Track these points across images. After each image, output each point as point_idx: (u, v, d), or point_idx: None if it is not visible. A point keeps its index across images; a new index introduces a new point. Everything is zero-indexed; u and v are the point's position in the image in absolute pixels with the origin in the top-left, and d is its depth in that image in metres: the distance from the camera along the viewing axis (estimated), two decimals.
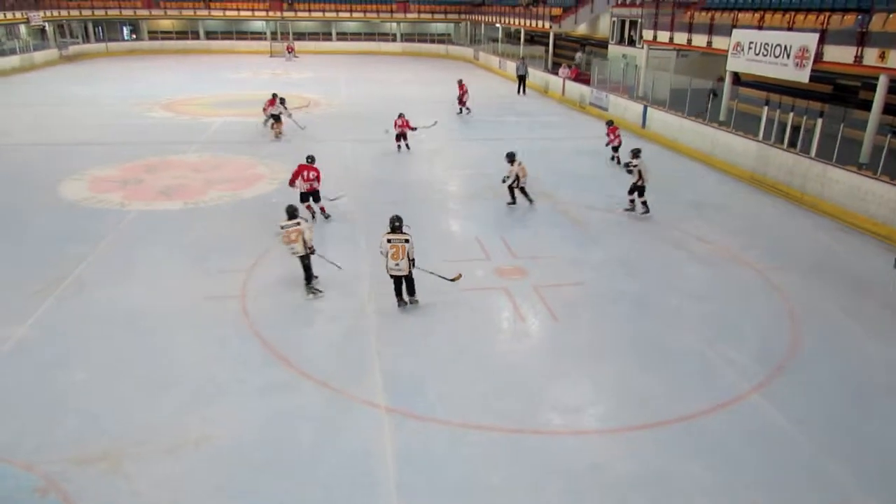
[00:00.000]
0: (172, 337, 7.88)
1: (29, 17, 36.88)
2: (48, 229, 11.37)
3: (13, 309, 8.36)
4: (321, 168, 11.84)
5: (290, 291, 9.12)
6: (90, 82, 30.31)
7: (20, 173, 14.69)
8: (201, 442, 5.98)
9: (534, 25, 33.17)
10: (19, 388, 6.78)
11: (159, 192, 13.43)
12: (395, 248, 8.43)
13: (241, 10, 45.95)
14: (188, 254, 10.37)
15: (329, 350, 7.68)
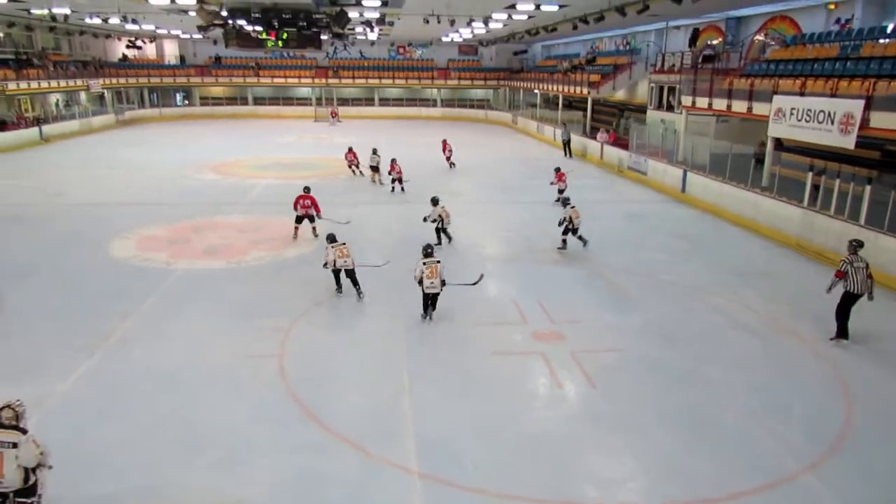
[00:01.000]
0: (210, 395, 7.94)
1: (89, 84, 39.20)
2: (96, 286, 11.73)
3: (59, 364, 8.57)
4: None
5: (327, 351, 9.16)
6: (143, 145, 31.78)
7: (74, 232, 15.30)
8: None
9: (572, 91, 33.76)
10: (58, 444, 6.84)
11: (204, 251, 13.81)
12: (430, 268, 10.00)
13: (288, 77, 48.05)
14: (229, 312, 10.55)
15: (364, 411, 7.62)
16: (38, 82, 33.96)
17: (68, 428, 7.14)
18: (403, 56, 50.34)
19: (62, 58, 39.18)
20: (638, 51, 32.87)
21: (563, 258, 13.74)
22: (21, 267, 12.68)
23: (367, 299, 11.23)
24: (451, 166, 25.54)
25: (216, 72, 47.40)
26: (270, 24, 22.73)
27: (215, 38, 33.06)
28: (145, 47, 45.51)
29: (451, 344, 9.53)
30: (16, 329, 9.78)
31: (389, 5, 23.59)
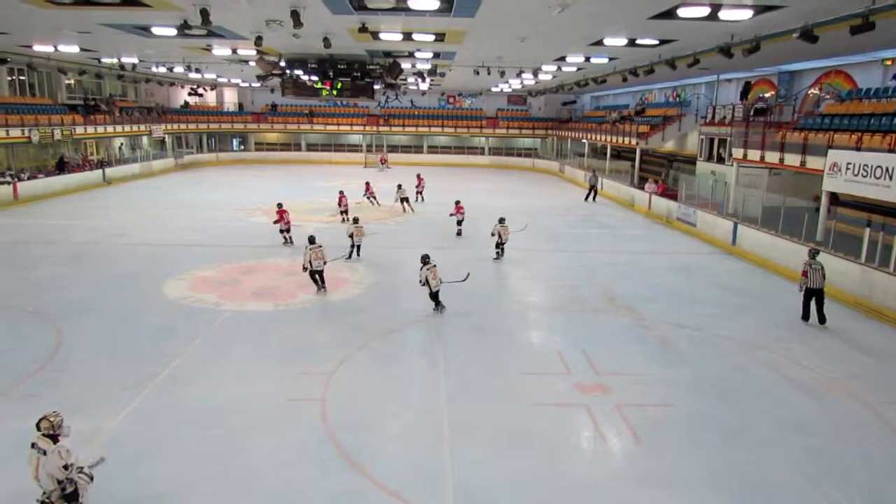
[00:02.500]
0: (254, 437, 8.02)
1: (152, 129, 41.17)
2: (149, 325, 12.09)
3: (109, 402, 8.80)
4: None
5: (369, 397, 9.17)
6: (200, 188, 32.99)
7: (131, 271, 15.87)
8: None
9: (621, 142, 33.78)
10: (105, 482, 7.00)
11: (253, 293, 14.12)
12: (432, 271, 12.66)
13: (340, 125, 49.54)
14: (274, 355, 10.70)
15: (404, 459, 7.58)
16: (104, 127, 35.83)
17: (117, 465, 7.26)
18: (453, 105, 51.43)
19: (128, 104, 41.38)
20: (688, 103, 32.81)
21: (608, 308, 13.54)
22: (79, 304, 13.19)
23: (410, 347, 11.27)
24: (421, 199, 28.97)
25: (272, 119, 49.23)
26: (326, 73, 23.64)
27: (273, 86, 34.54)
28: (206, 95, 47.68)
29: (492, 392, 9.43)
30: (71, 364, 10.13)
31: (441, 57, 24.29)
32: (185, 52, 25.19)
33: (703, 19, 13.91)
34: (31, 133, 28.84)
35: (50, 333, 11.39)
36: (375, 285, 14.93)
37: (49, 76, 33.57)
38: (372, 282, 15.20)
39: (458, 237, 20.81)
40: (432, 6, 13.41)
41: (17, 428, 8.06)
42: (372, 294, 14.28)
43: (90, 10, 15.03)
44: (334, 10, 14.33)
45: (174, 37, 18.68)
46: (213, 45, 21.94)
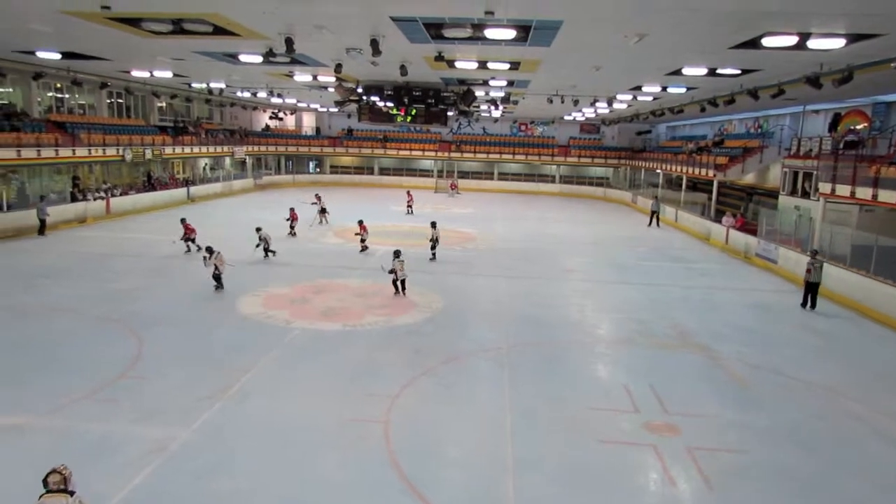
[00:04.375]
0: (318, 454, 8.11)
1: (234, 151, 43.08)
2: (223, 339, 12.51)
3: (183, 412, 9.12)
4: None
5: (432, 422, 9.14)
6: (276, 208, 34.09)
7: (209, 286, 16.46)
8: None
9: (697, 173, 32.86)
10: (175, 489, 7.24)
11: (322, 312, 14.41)
12: (402, 264, 15.58)
13: (413, 150, 50.43)
14: (340, 374, 10.84)
15: (465, 488, 7.48)
16: (190, 147, 37.76)
17: (187, 475, 7.52)
18: (525, 133, 51.51)
19: (213, 126, 43.48)
20: (770, 134, 31.64)
21: (679, 345, 13.07)
22: (159, 315, 13.81)
23: (476, 375, 11.21)
24: (409, 211, 32.24)
25: (347, 143, 50.64)
26: (401, 100, 24.14)
27: (349, 112, 35.59)
28: (286, 119, 49.57)
29: (557, 426, 9.22)
30: (149, 373, 10.58)
31: (515, 85, 24.42)
32: (268, 78, 26.31)
33: (789, 49, 13.43)
34: (124, 152, 30.68)
35: (131, 342, 11.95)
36: (443, 311, 14.95)
37: (143, 99, 35.75)
38: (439, 307, 15.24)
39: (362, 252, 21.39)
40: (508, 36, 13.52)
41: (98, 430, 8.49)
42: (439, 319, 14.31)
43: (185, 38, 15.94)
44: (412, 38, 14.67)
45: (259, 64, 19.58)
46: (295, 71, 22.83)
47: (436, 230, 20.52)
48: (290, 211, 24.98)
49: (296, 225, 24.77)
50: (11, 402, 9.20)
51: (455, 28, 13.40)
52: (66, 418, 8.81)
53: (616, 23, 12.35)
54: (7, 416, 8.77)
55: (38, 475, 7.35)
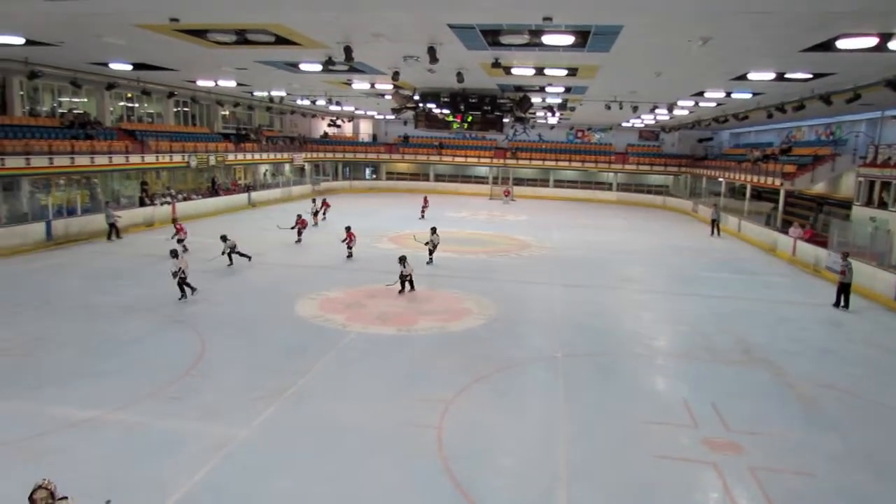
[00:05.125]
0: (371, 458, 8.16)
1: (293, 157, 44.10)
2: (281, 341, 12.77)
3: (242, 411, 9.34)
4: None
5: (486, 429, 9.07)
6: (334, 214, 34.69)
7: (268, 289, 16.90)
8: None
9: (762, 182, 31.74)
10: (234, 485, 7.40)
11: (376, 317, 14.54)
12: (409, 266, 16.47)
13: (468, 156, 50.55)
14: (395, 378, 10.90)
15: (517, 498, 7.38)
16: (252, 154, 38.88)
17: (244, 473, 7.68)
18: (581, 139, 50.93)
19: (273, 133, 44.66)
20: (844, 141, 30.31)
21: (743, 360, 12.59)
22: (221, 317, 14.21)
23: (531, 383, 11.10)
24: (422, 217, 31.96)
25: (403, 150, 51.15)
26: (457, 107, 24.23)
27: (406, 119, 35.92)
28: (344, 126, 50.44)
29: (613, 439, 9.01)
30: (210, 372, 10.88)
31: (572, 92, 24.17)
32: (327, 86, 26.85)
33: (868, 50, 12.81)
34: (189, 159, 31.82)
35: (195, 342, 12.33)
36: (498, 317, 14.87)
37: (208, 108, 37.01)
38: (494, 313, 15.16)
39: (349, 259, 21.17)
40: (566, 42, 13.39)
41: (165, 426, 8.78)
42: (494, 326, 14.24)
43: (248, 48, 16.44)
44: (469, 46, 14.70)
45: (319, 72, 20.00)
46: (354, 79, 23.22)
47: (435, 235, 20.98)
48: (298, 218, 24.66)
49: (303, 231, 24.55)
50: (85, 397, 9.61)
51: (512, 35, 13.39)
52: (135, 414, 9.15)
53: (680, 27, 12.06)
54: (81, 409, 9.16)
55: (110, 466, 7.69)
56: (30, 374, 10.53)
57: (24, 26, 14.70)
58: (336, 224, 29.03)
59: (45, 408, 9.21)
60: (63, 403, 9.36)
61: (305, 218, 24.95)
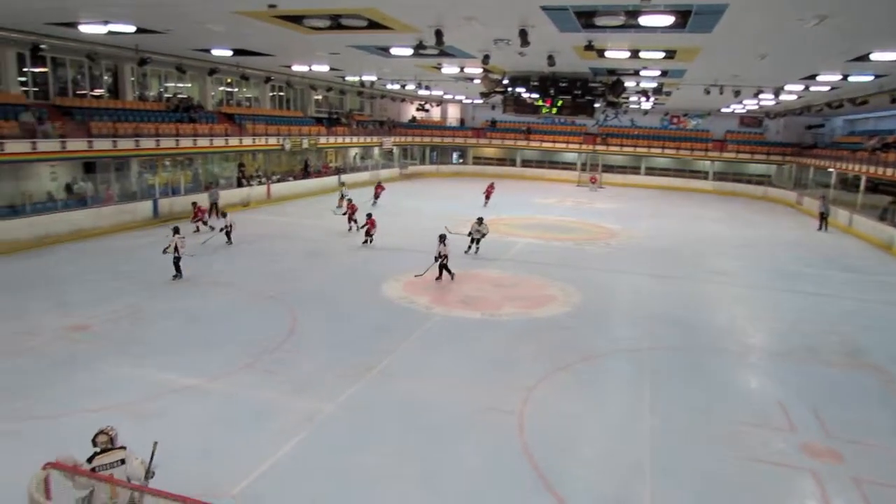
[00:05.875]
0: (452, 440, 8.25)
1: (382, 141, 44.88)
2: (367, 320, 13.07)
3: (328, 387, 9.65)
4: None
5: (568, 418, 8.96)
6: (420, 197, 35.15)
7: (356, 270, 17.31)
8: None
9: (881, 173, 29.27)
10: (320, 459, 7.67)
11: (461, 300, 14.61)
12: (447, 248, 15.84)
13: (556, 142, 49.70)
14: (478, 362, 10.94)
15: (599, 489, 7.27)
16: (342, 138, 39.84)
17: (328, 447, 7.94)
18: (676, 126, 48.91)
19: (364, 117, 45.54)
20: None
21: (849, 363, 11.79)
22: (311, 295, 14.71)
23: (616, 375, 10.86)
24: (486, 202, 30.37)
25: (490, 134, 50.93)
26: (547, 91, 23.81)
27: (494, 103, 35.72)
28: (432, 111, 50.75)
29: (700, 437, 8.68)
30: (300, 348, 11.30)
31: (669, 75, 23.21)
32: (417, 70, 27.01)
33: None
34: (284, 142, 32.96)
35: (286, 318, 12.83)
36: (583, 306, 14.61)
37: (302, 92, 38.14)
38: (579, 302, 14.90)
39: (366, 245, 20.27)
40: (665, 23, 12.82)
41: (257, 398, 9.21)
42: (580, 314, 14.00)
43: (341, 33, 16.76)
44: (562, 28, 14.36)
45: (409, 56, 20.13)
46: (443, 63, 23.24)
47: (483, 225, 19.75)
48: (348, 203, 23.69)
49: (354, 216, 23.00)
50: (185, 366, 10.21)
51: (608, 16, 12.94)
52: (231, 384, 9.64)
53: (792, 4, 11.27)
54: (182, 377, 9.75)
55: (207, 432, 8.15)
56: (136, 343, 11.30)
57: (136, 15, 15.60)
58: (390, 208, 29.44)
59: (149, 374, 9.86)
60: (166, 371, 9.99)
61: (355, 203, 23.89)
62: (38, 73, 22.20)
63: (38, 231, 18.93)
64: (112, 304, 13.34)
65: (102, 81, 25.17)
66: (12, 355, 10.45)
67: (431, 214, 27.45)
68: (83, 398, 8.91)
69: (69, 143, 20.86)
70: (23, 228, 18.63)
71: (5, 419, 8.29)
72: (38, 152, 19.79)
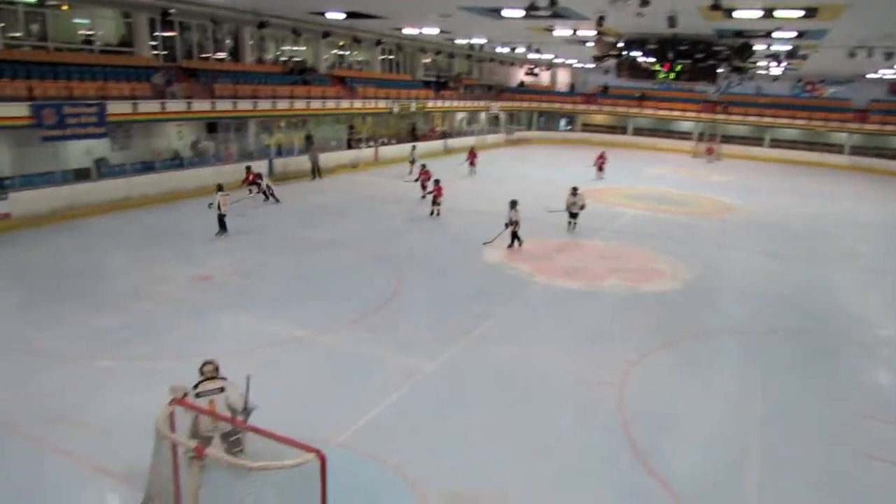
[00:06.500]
0: (549, 407, 8.19)
1: (489, 106, 44.42)
2: (468, 285, 13.14)
3: (429, 347, 9.81)
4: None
5: (672, 395, 8.66)
6: (526, 164, 34.63)
7: (459, 234, 17.38)
8: None
9: None
10: (418, 415, 7.85)
11: (564, 270, 14.35)
12: (518, 213, 15.43)
13: (672, 109, 47.20)
14: (578, 333, 10.75)
15: (699, 470, 7.02)
16: (450, 102, 39.79)
17: (426, 405, 8.11)
18: (810, 93, 44.84)
19: (471, 81, 45.19)
20: None
21: None
22: (415, 257, 14.96)
23: (726, 355, 10.34)
24: (598, 178, 28.50)
25: (601, 101, 49.13)
26: (665, 55, 22.60)
27: (606, 68, 34.33)
28: (541, 75, 49.57)
29: (816, 428, 8.11)
30: (403, 308, 11.56)
31: (806, 37, 21.25)
32: (528, 33, 26.38)
33: None
34: (392, 105, 33.37)
35: (392, 279, 13.13)
36: (693, 282, 13.95)
37: (411, 56, 38.32)
38: (689, 278, 14.24)
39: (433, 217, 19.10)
40: None
41: (361, 353, 9.53)
42: (688, 291, 13.39)
43: None
44: None
45: (521, 18, 19.64)
46: (555, 25, 22.52)
47: (578, 196, 17.95)
48: (421, 169, 22.89)
49: (427, 185, 21.90)
50: (295, 319, 10.71)
51: None
52: (337, 338, 10.03)
53: None
54: (293, 329, 10.25)
55: (312, 382, 8.54)
56: (250, 295, 11.96)
57: None
58: (496, 174, 29.11)
59: (262, 325, 10.42)
60: (278, 323, 10.51)
61: (429, 170, 22.61)
62: (166, 38, 23.58)
63: (166, 187, 20.36)
64: (231, 257, 14.18)
65: (224, 45, 26.40)
66: (146, 300, 11.39)
67: (538, 181, 27.09)
68: (204, 343, 9.58)
69: (194, 103, 22.13)
70: (154, 184, 20.11)
71: (138, 358, 9.07)
72: (166, 112, 21.13)
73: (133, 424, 6.85)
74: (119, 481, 6.31)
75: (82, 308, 10.83)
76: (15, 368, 8.66)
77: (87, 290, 11.76)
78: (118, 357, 9.08)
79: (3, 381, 8.26)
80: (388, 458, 6.80)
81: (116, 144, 20.76)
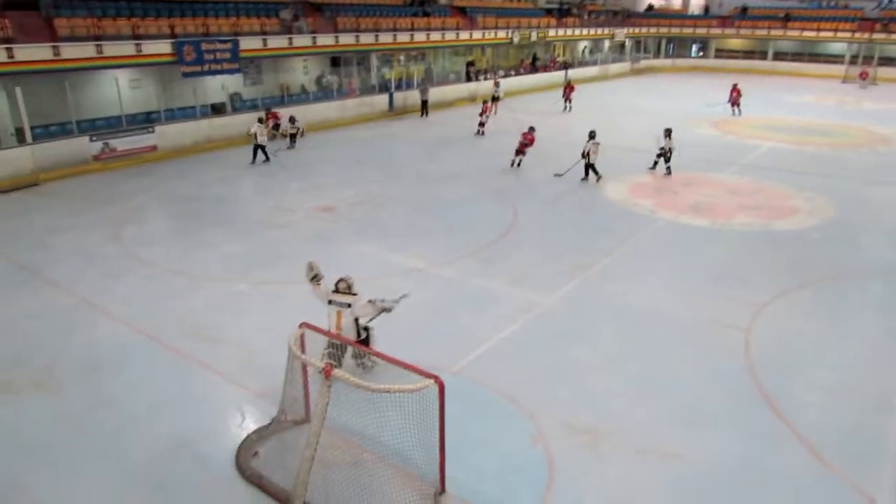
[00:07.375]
0: (669, 347, 8.03)
1: (614, 33, 41.94)
2: (588, 220, 12.98)
3: (546, 281, 9.84)
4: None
5: (804, 339, 8.21)
6: (652, 95, 32.78)
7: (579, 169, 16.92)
8: (669, 458, 5.99)
9: None
10: (536, 346, 7.98)
11: (689, 206, 13.70)
12: (595, 147, 14.92)
13: (822, 30, 42.44)
14: (703, 272, 10.32)
15: (832, 417, 6.66)
16: (572, 30, 38.07)
17: (543, 337, 8.21)
18: None
19: (596, 7, 42.90)
20: None
21: None
22: (533, 191, 14.87)
23: (867, 300, 9.62)
24: (736, 111, 25.96)
25: (739, 23, 45.05)
26: None
27: None
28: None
29: None
30: (520, 241, 11.64)
31: None
32: None
33: None
34: (513, 35, 32.47)
35: (508, 211, 13.17)
36: (835, 220, 12.90)
37: None
38: (831, 215, 13.16)
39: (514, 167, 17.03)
40: None
41: (478, 284, 9.74)
42: (829, 229, 12.41)
43: None
44: None
45: None
46: None
47: (668, 139, 16.12)
48: (483, 104, 22.49)
49: (487, 121, 21.92)
50: (415, 249, 11.07)
51: None
52: (455, 270, 10.27)
53: None
54: (413, 260, 10.62)
55: (432, 312, 8.86)
56: (372, 225, 12.46)
57: None
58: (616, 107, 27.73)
59: (383, 255, 10.86)
60: (397, 253, 10.92)
61: (488, 104, 22.82)
62: None
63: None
64: (353, 188, 14.76)
65: None
66: (276, 228, 12.22)
67: (664, 113, 25.64)
68: (328, 270, 10.12)
69: (319, 38, 22.70)
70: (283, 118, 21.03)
71: (272, 282, 9.80)
72: (293, 47, 21.88)
73: (268, 343, 7.50)
74: (255, 395, 6.96)
75: (220, 235, 11.80)
76: (165, 288, 9.63)
77: (222, 218, 12.77)
78: (250, 281, 9.84)
79: (155, 300, 9.24)
80: (505, 389, 7.00)
81: (248, 80, 21.87)
